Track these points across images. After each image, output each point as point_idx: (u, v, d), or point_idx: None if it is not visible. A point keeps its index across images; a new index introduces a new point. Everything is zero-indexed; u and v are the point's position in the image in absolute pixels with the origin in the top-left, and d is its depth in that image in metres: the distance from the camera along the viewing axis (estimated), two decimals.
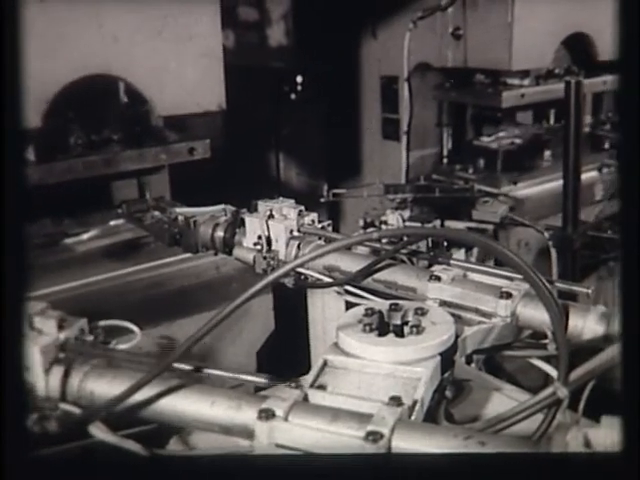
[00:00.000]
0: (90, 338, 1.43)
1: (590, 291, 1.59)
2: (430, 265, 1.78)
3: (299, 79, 4.48)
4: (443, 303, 1.63)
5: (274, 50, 4.91)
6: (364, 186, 3.60)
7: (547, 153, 4.13)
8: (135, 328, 1.56)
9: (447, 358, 1.41)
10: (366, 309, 1.47)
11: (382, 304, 1.52)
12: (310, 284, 1.94)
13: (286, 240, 2.05)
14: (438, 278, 1.66)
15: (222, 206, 2.33)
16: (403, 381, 1.35)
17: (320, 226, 2.09)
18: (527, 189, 3.90)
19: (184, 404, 1.28)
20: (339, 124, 4.65)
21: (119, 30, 2.58)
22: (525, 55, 3.70)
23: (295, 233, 2.06)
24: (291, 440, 1.18)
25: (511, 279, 1.61)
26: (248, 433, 1.21)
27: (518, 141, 4.08)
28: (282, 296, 3.03)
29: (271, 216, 2.09)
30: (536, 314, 1.52)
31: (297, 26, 4.84)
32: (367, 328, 1.43)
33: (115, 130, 2.80)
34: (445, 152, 4.24)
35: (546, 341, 1.47)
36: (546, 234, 2.95)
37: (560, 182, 3.26)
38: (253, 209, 2.16)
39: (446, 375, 1.41)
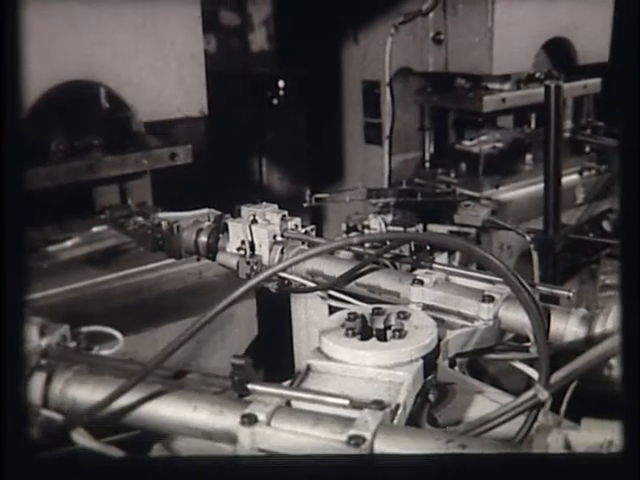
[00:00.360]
0: (72, 344, 1.43)
1: (571, 294, 1.60)
2: (413, 269, 1.79)
3: (281, 84, 4.48)
4: (426, 307, 1.64)
5: (256, 55, 4.91)
6: (346, 191, 3.60)
7: (528, 157, 4.16)
8: (117, 334, 1.56)
9: (430, 361, 1.42)
10: (349, 313, 1.48)
11: (365, 308, 1.52)
12: (293, 289, 1.94)
13: (269, 245, 2.05)
14: (421, 282, 1.67)
15: (206, 210, 2.32)
16: (386, 385, 1.35)
17: (303, 231, 2.09)
18: (509, 193, 3.92)
19: (166, 410, 1.28)
20: (321, 129, 4.66)
21: (100, 36, 2.57)
22: (506, 59, 3.72)
23: (278, 238, 2.06)
24: (274, 445, 1.19)
25: (493, 282, 1.62)
26: (231, 438, 1.21)
27: (500, 145, 4.10)
28: (266, 301, 3.02)
29: (254, 221, 2.09)
30: (518, 317, 1.52)
31: (279, 31, 4.85)
32: (350, 332, 1.43)
33: (96, 136, 2.79)
34: (427, 156, 4.25)
35: (528, 344, 1.48)
36: (528, 237, 2.96)
37: (541, 186, 3.27)
38: (236, 214, 2.15)
39: (429, 378, 1.42)
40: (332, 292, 1.79)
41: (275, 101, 4.50)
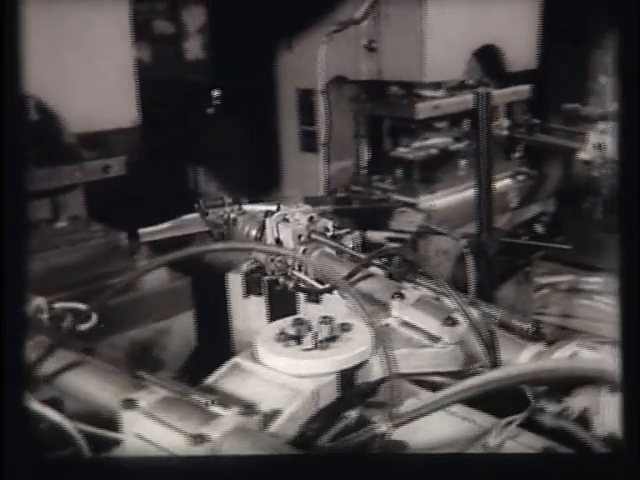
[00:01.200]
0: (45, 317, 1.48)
1: (529, 327, 1.59)
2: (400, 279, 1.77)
3: (216, 93, 4.46)
4: (403, 323, 1.62)
5: (191, 64, 4.87)
6: (284, 198, 3.60)
7: (462, 162, 4.22)
8: (90, 310, 1.63)
9: (350, 377, 1.41)
10: (294, 319, 1.48)
11: (314, 317, 1.52)
12: (305, 289, 2.01)
13: (294, 244, 2.05)
14: (401, 296, 1.65)
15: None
16: (292, 393, 1.36)
17: (331, 234, 2.09)
18: (444, 198, 3.98)
19: (72, 376, 1.40)
20: (257, 137, 4.65)
21: (28, 46, 2.52)
22: (438, 67, 3.78)
23: (303, 238, 2.06)
24: (145, 431, 1.23)
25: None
26: (112, 415, 1.27)
27: (434, 151, 4.14)
28: (204, 310, 3.00)
29: (286, 220, 2.10)
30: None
31: (213, 39, 4.82)
32: (282, 338, 1.44)
33: (26, 148, 2.73)
34: (363, 163, 4.27)
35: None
36: (462, 242, 3.00)
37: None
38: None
39: (347, 395, 1.40)
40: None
41: (210, 110, 4.47)
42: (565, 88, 5.86)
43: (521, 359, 1.42)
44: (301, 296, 2.92)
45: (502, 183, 4.18)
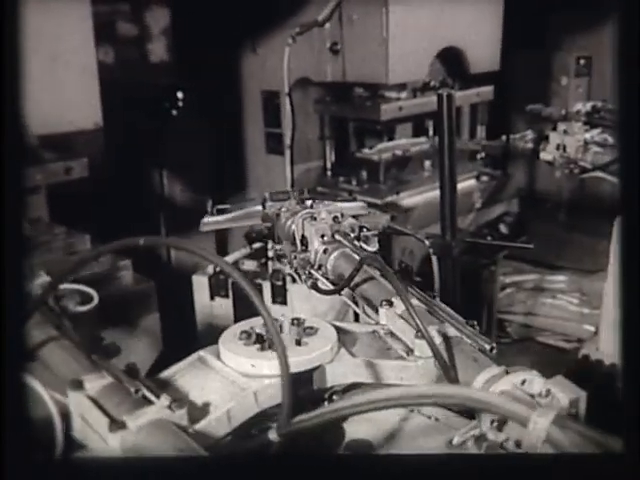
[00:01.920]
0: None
1: (492, 347, 1.59)
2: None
3: (180, 95, 4.44)
4: (388, 332, 1.60)
5: (154, 66, 4.85)
6: (249, 201, 3.59)
7: (427, 163, 4.25)
8: (94, 293, 1.62)
9: (303, 382, 1.41)
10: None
11: (287, 317, 1.52)
12: (320, 289, 1.99)
13: (317, 244, 2.05)
14: (390, 303, 1.62)
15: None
16: (238, 391, 1.37)
17: (354, 235, 2.09)
18: (409, 199, 4.01)
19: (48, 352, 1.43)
20: (222, 139, 4.64)
21: None
22: (401, 69, 3.80)
23: (326, 238, 2.05)
24: (86, 414, 1.25)
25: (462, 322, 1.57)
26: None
27: (399, 152, 4.17)
28: (171, 312, 2.99)
29: (313, 218, 2.10)
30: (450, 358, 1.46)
31: (177, 42, 4.81)
32: (243, 336, 1.44)
33: None
34: (329, 165, 4.29)
35: None
36: (426, 242, 3.02)
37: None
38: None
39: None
40: None
41: (174, 112, 4.46)
42: (527, 89, 5.94)
43: (477, 382, 1.40)
44: (267, 297, 2.93)
45: (466, 184, 4.23)
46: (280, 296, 2.89)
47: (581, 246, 4.83)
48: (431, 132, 4.37)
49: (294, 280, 2.75)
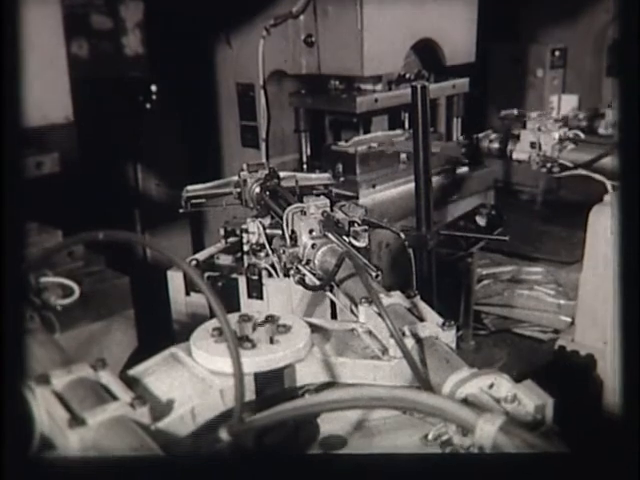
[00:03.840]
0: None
1: (377, 274, 1.57)
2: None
3: (153, 88, 4.40)
4: (367, 330, 1.58)
5: (128, 59, 4.80)
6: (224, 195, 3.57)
7: (403, 156, 4.23)
8: (74, 285, 1.60)
9: (265, 380, 1.39)
10: (240, 316, 1.46)
11: (260, 314, 1.50)
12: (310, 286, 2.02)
13: (305, 239, 2.03)
14: (369, 302, 1.61)
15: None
16: (206, 389, 1.36)
17: (346, 230, 2.08)
18: (385, 191, 3.99)
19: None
20: (198, 133, 4.61)
21: None
22: (376, 61, 3.78)
23: (315, 233, 2.03)
24: (51, 409, 1.25)
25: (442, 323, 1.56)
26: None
27: (374, 145, 4.16)
28: (146, 308, 2.97)
29: (303, 212, 2.07)
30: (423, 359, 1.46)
31: (151, 35, 4.76)
32: (215, 333, 1.42)
33: None
34: (305, 158, 4.26)
35: None
36: (402, 235, 3.01)
37: None
38: None
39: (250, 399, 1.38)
40: None
41: (148, 105, 4.41)
42: (503, 82, 5.96)
43: (447, 384, 1.39)
44: (243, 292, 2.92)
45: (441, 176, 4.22)
46: (256, 290, 2.87)
47: (557, 238, 4.86)
48: (407, 124, 4.36)
49: (270, 274, 2.74)
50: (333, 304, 2.51)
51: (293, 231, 2.12)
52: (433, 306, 1.68)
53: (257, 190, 2.70)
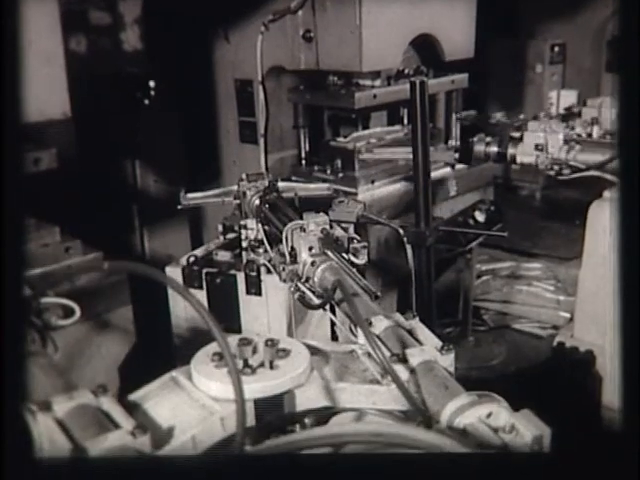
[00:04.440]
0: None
1: (375, 295, 1.57)
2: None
3: (152, 84, 4.39)
4: (366, 352, 1.58)
5: (126, 55, 4.79)
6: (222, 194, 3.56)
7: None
8: (75, 306, 1.60)
9: (265, 406, 1.38)
10: (240, 339, 1.45)
11: (261, 338, 1.49)
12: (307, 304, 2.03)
13: (306, 256, 2.02)
14: (369, 323, 1.60)
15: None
16: (206, 416, 1.35)
17: (345, 247, 2.08)
18: (384, 187, 3.99)
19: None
20: (196, 129, 4.60)
21: None
22: (375, 56, 3.77)
23: (314, 250, 2.02)
24: (54, 437, 1.24)
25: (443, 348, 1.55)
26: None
27: (374, 141, 4.15)
28: (144, 305, 2.96)
29: (302, 229, 2.07)
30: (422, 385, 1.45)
31: (149, 30, 4.75)
32: (215, 357, 1.41)
33: None
34: (303, 154, 4.25)
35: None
36: (401, 231, 3.01)
37: None
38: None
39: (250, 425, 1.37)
40: None
41: (146, 101, 4.40)
42: (502, 78, 5.95)
43: (446, 412, 1.39)
44: (242, 289, 2.91)
45: (441, 172, 4.22)
46: (254, 287, 2.87)
47: (556, 233, 4.85)
48: (406, 120, 4.35)
49: (269, 271, 2.74)
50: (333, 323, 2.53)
51: (293, 248, 2.12)
52: (432, 304, 1.68)
53: (257, 203, 2.70)
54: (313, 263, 2.02)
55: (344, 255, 2.13)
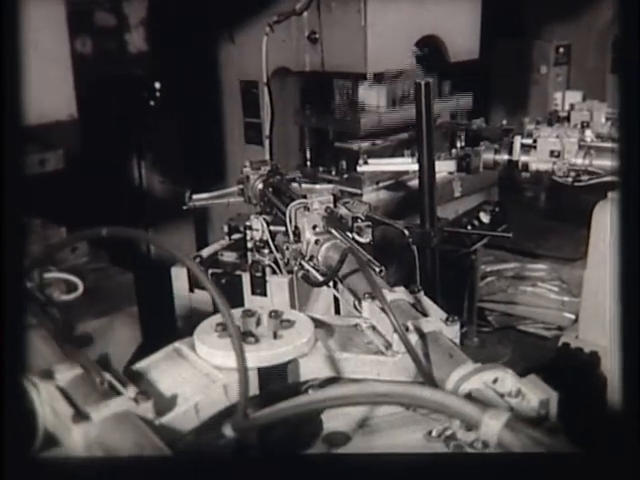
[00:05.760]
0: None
1: (380, 269, 1.56)
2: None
3: (157, 85, 4.40)
4: (370, 325, 1.58)
5: (132, 56, 4.81)
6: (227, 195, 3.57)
7: (406, 152, 4.23)
8: (78, 281, 1.60)
9: (268, 375, 1.39)
10: (244, 311, 1.46)
11: (265, 309, 1.50)
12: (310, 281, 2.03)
13: (308, 235, 2.03)
14: (372, 297, 1.60)
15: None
16: (209, 385, 1.35)
17: (349, 225, 2.08)
18: (389, 188, 3.99)
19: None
20: (201, 130, 4.61)
21: None
22: (380, 58, 3.77)
23: (318, 229, 2.03)
24: (55, 405, 1.25)
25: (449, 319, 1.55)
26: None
27: (378, 142, 4.15)
28: (150, 304, 2.97)
29: (306, 208, 2.07)
30: (427, 354, 1.45)
31: (155, 32, 4.76)
32: (219, 327, 1.42)
33: None
34: (308, 154, 4.26)
35: None
36: (406, 232, 3.02)
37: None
38: None
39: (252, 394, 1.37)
40: None
41: (152, 103, 4.42)
42: (507, 79, 5.95)
43: (451, 379, 1.39)
44: (247, 289, 2.92)
45: (445, 173, 4.21)
46: (260, 287, 2.87)
47: (561, 234, 4.85)
48: None
49: (274, 271, 2.74)
50: (337, 301, 2.52)
51: (296, 227, 2.12)
52: (437, 303, 1.68)
53: (260, 186, 2.69)
54: (317, 242, 2.03)
55: (348, 234, 2.13)
